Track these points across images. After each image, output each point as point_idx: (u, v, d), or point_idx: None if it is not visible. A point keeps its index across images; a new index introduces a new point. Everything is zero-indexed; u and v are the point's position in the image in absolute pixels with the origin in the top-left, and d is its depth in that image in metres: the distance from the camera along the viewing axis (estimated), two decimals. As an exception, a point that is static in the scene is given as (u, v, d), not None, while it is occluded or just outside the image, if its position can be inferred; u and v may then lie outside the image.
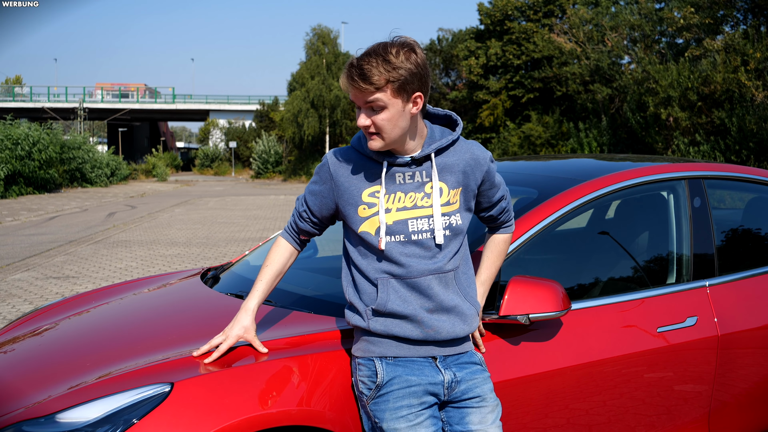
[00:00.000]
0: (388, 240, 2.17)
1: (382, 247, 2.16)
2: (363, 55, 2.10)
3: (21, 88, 70.31)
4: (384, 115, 2.11)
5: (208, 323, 2.74)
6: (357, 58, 2.10)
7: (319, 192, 2.29)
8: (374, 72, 2.06)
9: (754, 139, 16.07)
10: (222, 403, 2.09)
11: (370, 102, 2.10)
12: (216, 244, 12.48)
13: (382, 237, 2.16)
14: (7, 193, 27.29)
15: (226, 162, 68.43)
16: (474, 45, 30.14)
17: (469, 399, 2.22)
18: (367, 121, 2.13)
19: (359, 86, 2.08)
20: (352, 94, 2.12)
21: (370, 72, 2.06)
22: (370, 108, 2.11)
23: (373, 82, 2.06)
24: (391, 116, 2.11)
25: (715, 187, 3.37)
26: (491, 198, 2.35)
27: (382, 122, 2.11)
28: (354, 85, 2.09)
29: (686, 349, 2.89)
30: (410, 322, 2.19)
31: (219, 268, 3.60)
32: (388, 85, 2.07)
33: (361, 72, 2.07)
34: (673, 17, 20.08)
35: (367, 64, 2.07)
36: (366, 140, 2.22)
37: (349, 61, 2.12)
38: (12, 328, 3.19)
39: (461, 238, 2.26)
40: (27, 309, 7.06)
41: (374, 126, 2.13)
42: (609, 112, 22.37)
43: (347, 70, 2.11)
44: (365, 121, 2.13)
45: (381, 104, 2.09)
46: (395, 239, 2.17)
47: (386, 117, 2.11)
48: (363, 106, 2.13)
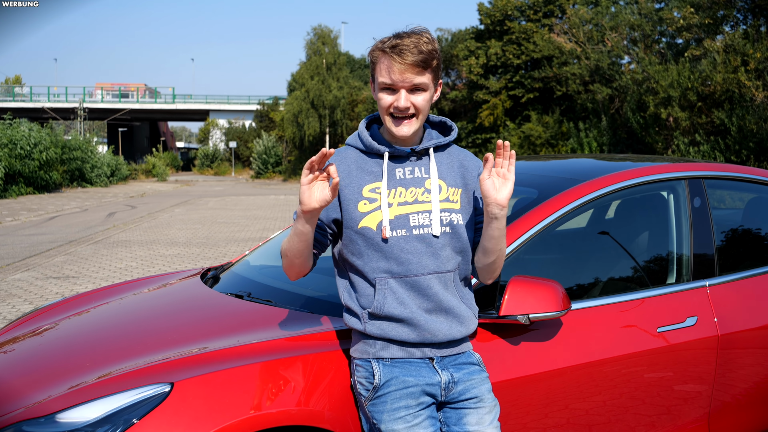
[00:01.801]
0: (391, 234, 2.17)
1: (386, 234, 2.15)
2: (404, 35, 2.10)
3: (21, 88, 70.33)
4: (425, 96, 2.15)
5: (208, 323, 2.74)
6: (400, 38, 2.09)
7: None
8: (425, 48, 2.08)
9: (754, 139, 16.07)
10: (222, 403, 2.09)
11: (417, 83, 2.11)
12: (216, 244, 12.48)
13: (386, 226, 2.16)
14: (7, 193, 27.29)
15: (226, 162, 68.44)
16: (474, 45, 30.13)
17: (466, 400, 2.22)
18: (407, 103, 2.13)
19: (413, 62, 2.08)
20: (399, 73, 2.10)
21: (421, 48, 2.08)
22: (412, 89, 2.13)
23: (425, 60, 2.09)
24: (429, 98, 2.16)
25: (715, 187, 3.37)
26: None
27: (423, 103, 2.15)
28: (407, 61, 2.08)
29: (686, 349, 2.89)
30: (407, 325, 2.18)
31: (219, 268, 3.60)
32: (433, 63, 2.12)
33: (414, 49, 2.07)
34: (672, 17, 20.08)
35: (419, 42, 2.08)
36: (365, 134, 2.24)
37: (392, 42, 2.10)
38: (12, 328, 3.19)
39: (463, 240, 2.25)
40: (27, 309, 7.06)
41: (414, 107, 2.14)
42: (609, 112, 22.37)
43: (397, 49, 2.08)
44: (406, 102, 2.13)
45: (425, 85, 2.13)
46: (397, 233, 2.17)
47: (427, 98, 2.16)
48: (406, 87, 2.12)
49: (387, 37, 2.15)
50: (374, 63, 2.18)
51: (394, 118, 2.16)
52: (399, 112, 2.14)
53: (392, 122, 2.17)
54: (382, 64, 2.13)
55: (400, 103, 2.13)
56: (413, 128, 2.17)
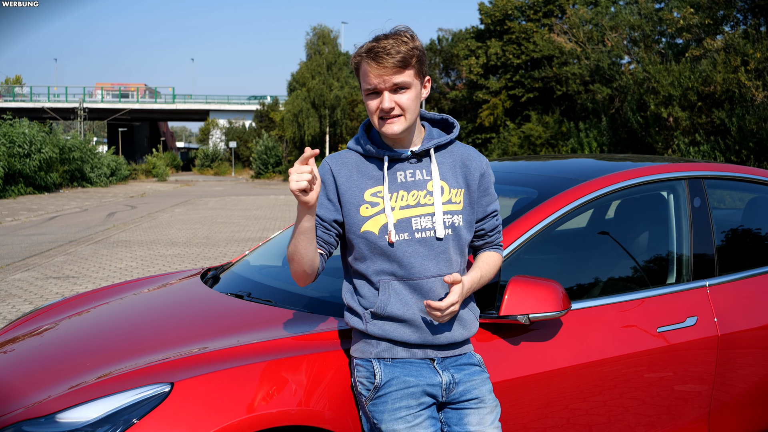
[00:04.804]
0: (396, 238, 2.17)
1: (392, 239, 2.15)
2: (380, 38, 2.12)
3: (21, 88, 70.34)
4: (408, 94, 2.14)
5: (208, 323, 2.74)
6: (377, 41, 2.11)
7: (323, 196, 2.25)
8: (402, 49, 2.09)
9: (754, 139, 16.07)
10: (222, 403, 2.09)
11: (397, 83, 2.11)
12: (216, 244, 12.48)
13: (392, 230, 2.16)
14: (7, 193, 27.29)
15: (226, 162, 68.44)
16: (474, 44, 30.14)
17: (467, 400, 2.22)
18: (391, 103, 2.13)
19: (390, 65, 2.09)
20: (376, 77, 2.11)
21: (398, 49, 2.09)
22: (394, 89, 2.13)
23: (403, 60, 2.09)
24: (414, 96, 2.16)
25: (715, 187, 3.37)
26: (485, 207, 2.33)
27: (408, 102, 2.14)
28: (383, 64, 2.09)
29: (686, 349, 2.89)
30: (409, 326, 2.18)
31: (219, 268, 3.60)
32: (413, 61, 2.11)
33: (391, 50, 2.08)
34: (672, 18, 20.08)
35: (395, 44, 2.09)
36: (365, 138, 2.23)
37: (367, 46, 2.12)
38: (12, 328, 3.19)
39: (464, 243, 2.25)
40: (27, 309, 7.06)
41: (399, 107, 2.14)
42: (609, 112, 22.37)
43: (372, 53, 2.10)
44: (390, 103, 2.13)
45: (406, 84, 2.13)
46: (400, 237, 2.17)
47: (411, 96, 2.15)
48: (387, 89, 2.12)
49: (366, 41, 2.16)
50: (357, 70, 2.19)
51: (382, 119, 2.17)
52: (385, 113, 2.15)
53: (380, 123, 2.18)
54: (362, 70, 2.15)
55: (385, 105, 2.13)
56: (402, 126, 2.16)
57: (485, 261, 2.34)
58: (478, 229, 2.34)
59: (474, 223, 2.30)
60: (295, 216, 2.52)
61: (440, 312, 2.11)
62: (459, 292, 2.13)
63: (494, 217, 2.36)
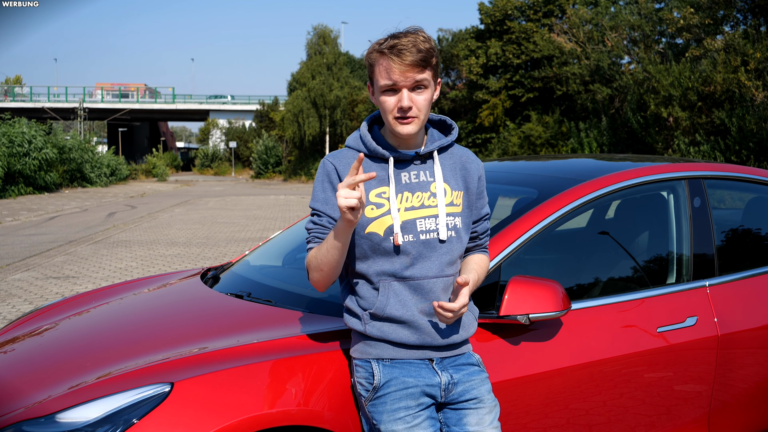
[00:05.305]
0: (401, 240, 2.16)
1: (399, 242, 2.14)
2: (400, 35, 2.08)
3: (21, 88, 70.32)
4: (426, 95, 2.13)
5: (208, 323, 2.74)
6: (397, 38, 2.07)
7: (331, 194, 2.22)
8: (424, 47, 2.06)
9: (754, 139, 16.06)
10: (222, 403, 2.09)
11: (419, 80, 2.09)
12: (216, 244, 12.48)
13: (398, 233, 2.15)
14: (7, 193, 27.28)
15: (226, 162, 68.45)
16: (474, 44, 30.11)
17: (466, 401, 2.22)
18: (410, 102, 2.10)
19: (413, 62, 2.05)
20: (400, 73, 2.07)
21: (419, 47, 2.05)
22: (413, 88, 2.10)
23: (425, 59, 2.07)
24: (430, 97, 2.14)
25: (715, 187, 3.37)
26: (480, 210, 2.34)
27: (424, 102, 2.12)
28: (406, 61, 2.05)
29: (686, 349, 2.89)
30: (407, 328, 2.18)
31: (219, 268, 3.60)
32: (432, 61, 2.10)
33: (413, 48, 2.05)
34: (672, 18, 20.08)
35: (416, 41, 2.06)
36: (368, 142, 2.22)
37: (389, 42, 2.08)
38: (12, 328, 3.19)
39: (463, 244, 2.26)
40: (27, 309, 7.06)
41: (416, 107, 2.12)
42: (609, 112, 22.36)
43: (396, 49, 2.06)
44: (409, 102, 2.10)
45: (426, 82, 2.11)
46: (405, 239, 2.16)
47: (427, 97, 2.13)
48: (408, 86, 2.09)
49: (383, 38, 2.12)
50: (372, 65, 2.14)
51: (398, 118, 2.13)
52: (403, 112, 2.11)
53: (396, 123, 2.13)
54: (381, 65, 2.10)
55: (404, 103, 2.09)
56: (416, 127, 2.15)
57: (478, 264, 2.33)
58: (471, 231, 2.34)
59: (471, 225, 2.30)
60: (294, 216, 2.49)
61: (452, 313, 2.09)
62: (468, 294, 2.13)
63: (486, 220, 2.37)
